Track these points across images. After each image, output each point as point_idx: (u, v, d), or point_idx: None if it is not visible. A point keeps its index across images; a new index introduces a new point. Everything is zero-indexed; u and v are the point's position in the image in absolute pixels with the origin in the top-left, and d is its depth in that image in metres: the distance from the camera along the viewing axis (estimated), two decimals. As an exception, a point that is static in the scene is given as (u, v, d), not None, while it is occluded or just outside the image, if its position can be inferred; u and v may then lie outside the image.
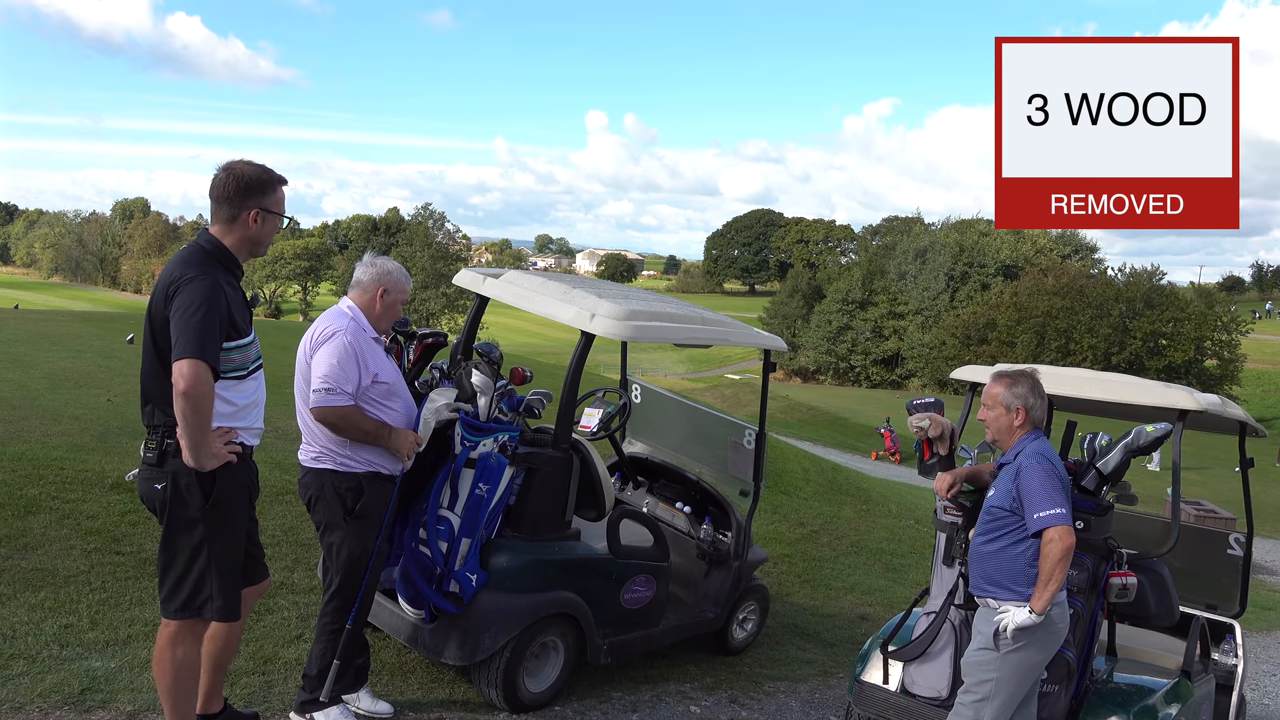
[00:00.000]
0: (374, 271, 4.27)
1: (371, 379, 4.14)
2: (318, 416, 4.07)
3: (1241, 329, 52.28)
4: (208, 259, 3.48)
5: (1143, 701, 4.45)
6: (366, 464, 4.18)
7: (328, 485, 4.17)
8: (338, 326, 4.13)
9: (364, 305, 4.26)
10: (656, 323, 5.09)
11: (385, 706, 4.52)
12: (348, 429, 4.09)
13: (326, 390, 4.01)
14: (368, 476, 4.19)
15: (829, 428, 33.67)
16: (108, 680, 4.32)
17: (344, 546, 4.17)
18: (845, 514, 11.12)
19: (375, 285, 4.25)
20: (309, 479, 4.24)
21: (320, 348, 4.09)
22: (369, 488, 4.18)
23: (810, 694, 6.04)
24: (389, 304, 4.29)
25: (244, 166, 3.56)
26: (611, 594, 5.17)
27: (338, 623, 4.22)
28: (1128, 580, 4.38)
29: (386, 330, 4.40)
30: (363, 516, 4.18)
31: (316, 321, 4.28)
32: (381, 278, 4.27)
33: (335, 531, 4.20)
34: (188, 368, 3.22)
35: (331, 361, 4.03)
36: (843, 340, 73.29)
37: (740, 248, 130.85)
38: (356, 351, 4.08)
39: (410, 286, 4.42)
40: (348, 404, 4.04)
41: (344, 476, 4.16)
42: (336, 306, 4.30)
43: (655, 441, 6.88)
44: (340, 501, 4.16)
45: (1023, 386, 4.16)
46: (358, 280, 4.28)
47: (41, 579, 5.14)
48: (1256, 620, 11.41)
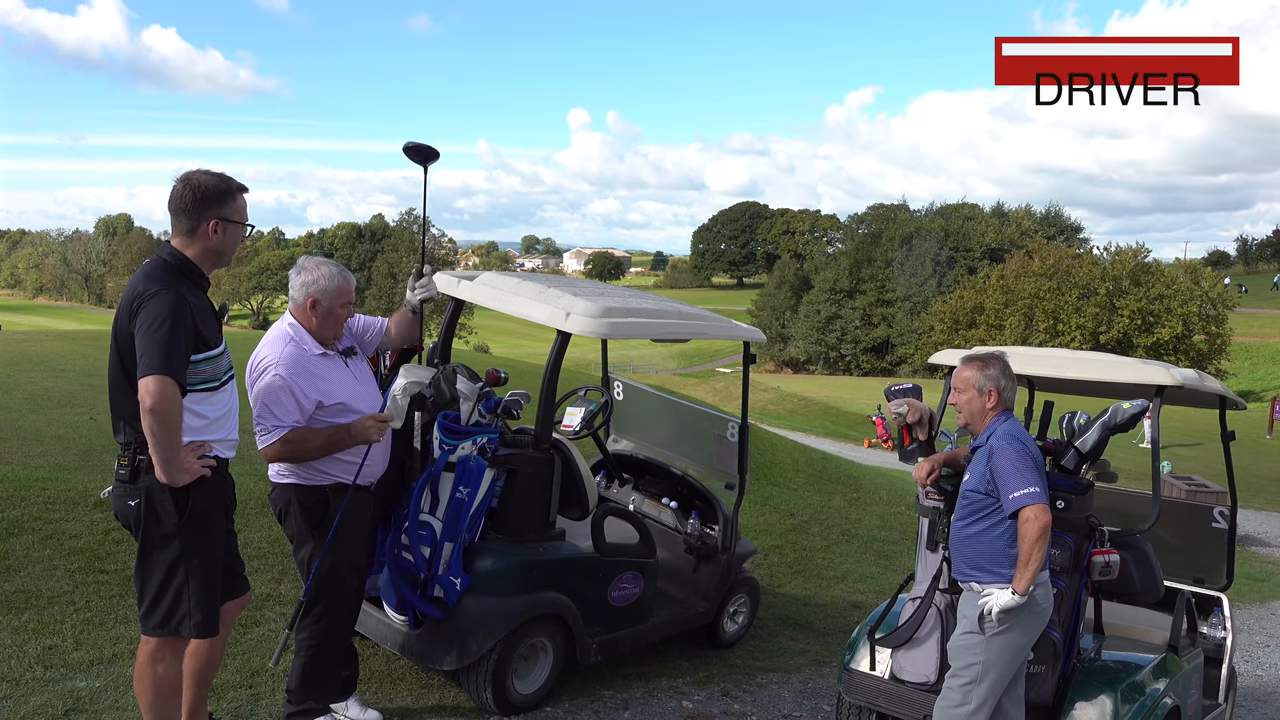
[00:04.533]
0: (300, 283, 4.05)
1: (315, 405, 4.00)
2: (268, 458, 4.04)
3: (1227, 303, 52.45)
4: (171, 273, 3.45)
5: (1130, 678, 4.46)
6: (330, 476, 4.11)
7: (294, 499, 4.11)
8: (271, 360, 3.96)
9: (301, 320, 4.08)
10: (633, 319, 5.07)
11: (374, 715, 4.49)
12: (299, 453, 4.00)
13: (260, 430, 3.96)
14: (334, 488, 4.11)
15: (821, 417, 33.66)
16: (92, 700, 4.30)
17: (313, 560, 4.11)
18: (836, 503, 11.12)
19: (305, 298, 4.05)
20: (276, 494, 4.19)
21: (253, 385, 4.00)
22: (335, 499, 4.11)
23: (803, 684, 6.04)
24: (324, 313, 4.06)
25: (201, 176, 3.51)
26: (599, 592, 5.16)
27: (315, 637, 4.16)
28: (1110, 558, 4.39)
29: (335, 337, 4.15)
30: (330, 530, 4.07)
31: (259, 345, 4.11)
32: (309, 288, 4.04)
33: (305, 546, 4.15)
34: (153, 384, 3.19)
35: (263, 400, 3.95)
36: (832, 330, 73.34)
37: (727, 241, 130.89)
38: (290, 385, 3.93)
39: (352, 285, 4.15)
40: (284, 432, 3.94)
41: (309, 490, 4.10)
42: (279, 327, 4.13)
43: (639, 438, 6.87)
44: (306, 515, 4.10)
45: (994, 369, 4.17)
46: (291, 294, 4.10)
47: (24, 601, 5.10)
48: (1249, 592, 11.45)
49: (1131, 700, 4.34)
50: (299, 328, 4.09)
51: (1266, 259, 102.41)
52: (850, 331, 73.08)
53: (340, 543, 4.11)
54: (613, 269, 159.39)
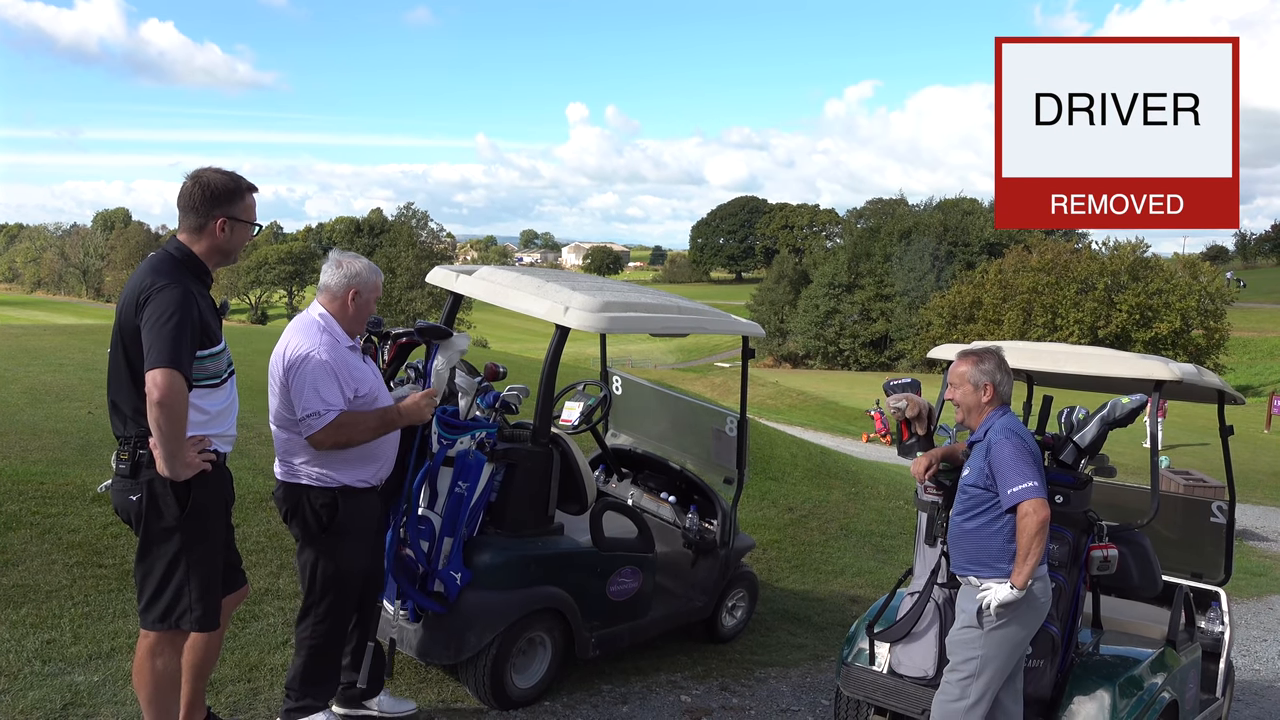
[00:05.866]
0: (341, 275, 4.07)
1: (353, 393, 3.99)
2: (317, 445, 3.92)
3: (1226, 298, 52.45)
4: (177, 267, 3.44)
5: (1128, 672, 4.47)
6: (341, 479, 4.03)
7: (302, 501, 4.03)
8: (310, 347, 3.93)
9: (336, 311, 4.07)
10: (631, 313, 5.07)
11: (409, 705, 4.54)
12: (353, 436, 3.94)
13: (311, 416, 3.86)
14: (343, 491, 4.03)
15: (819, 412, 33.69)
16: (90, 695, 4.30)
17: (319, 563, 4.07)
18: (834, 497, 11.13)
19: (345, 289, 4.05)
20: (282, 493, 4.11)
21: (294, 373, 3.92)
22: (344, 502, 4.03)
23: (801, 678, 6.05)
24: (361, 305, 4.10)
25: (211, 175, 3.50)
26: (597, 587, 5.16)
27: (317, 636, 4.12)
28: (1109, 552, 4.40)
29: (361, 332, 4.25)
30: (339, 533, 4.04)
31: (287, 333, 4.09)
32: (351, 280, 4.06)
33: (310, 548, 4.10)
34: (162, 377, 3.18)
35: (310, 390, 3.87)
36: (831, 324, 73.28)
37: (726, 236, 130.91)
38: (334, 370, 3.92)
39: (381, 281, 4.23)
40: (335, 415, 3.88)
41: (319, 492, 4.01)
42: (308, 315, 4.11)
43: (638, 432, 6.87)
44: (316, 518, 4.02)
45: (989, 363, 4.17)
46: (325, 285, 4.08)
47: (22, 595, 5.10)
48: (1247, 586, 11.47)
49: (1129, 694, 4.35)
50: (330, 318, 4.06)
51: (1265, 254, 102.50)
52: (849, 326, 73.04)
53: (349, 546, 4.07)
54: (611, 264, 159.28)
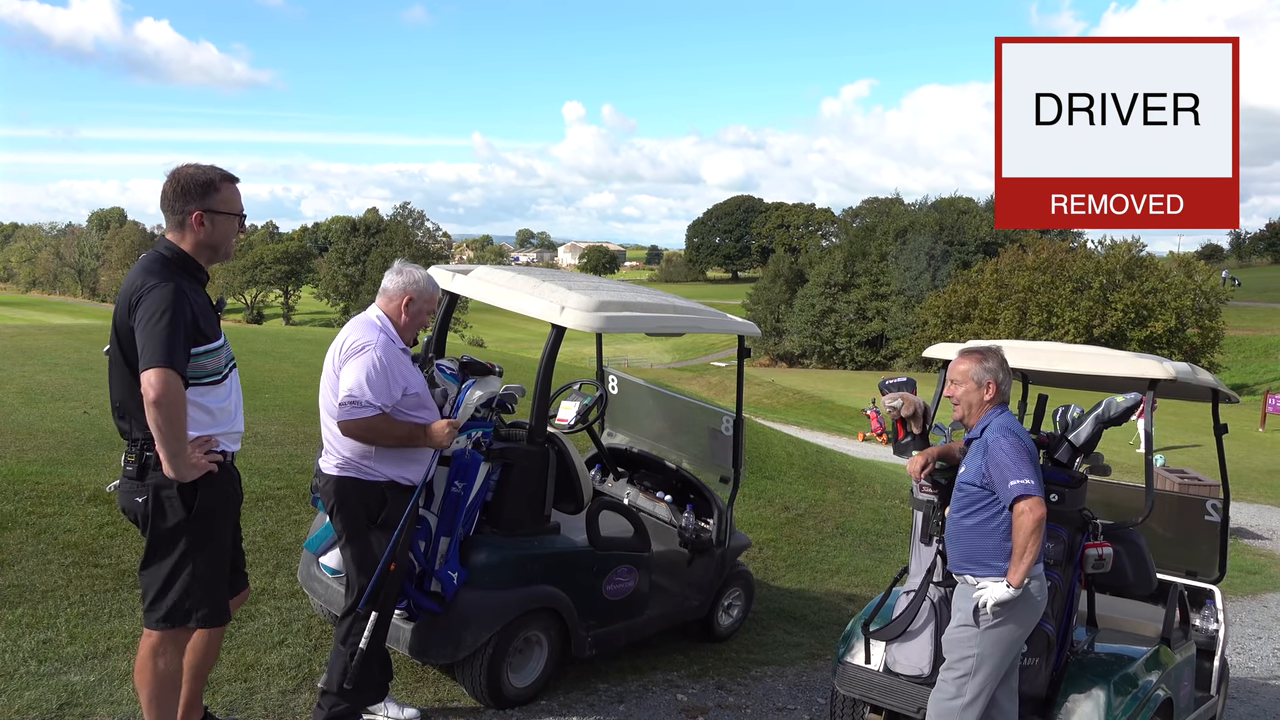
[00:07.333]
0: (400, 280, 4.25)
1: (402, 392, 4.12)
2: (344, 431, 4.05)
3: (1221, 297, 52.54)
4: (168, 266, 3.44)
5: (1123, 670, 4.48)
6: (389, 474, 4.17)
7: (350, 494, 4.15)
8: (368, 340, 4.09)
9: (391, 314, 4.24)
10: (627, 313, 5.07)
11: (413, 712, 4.56)
12: (378, 438, 4.07)
13: (352, 404, 3.98)
14: (390, 486, 4.18)
15: (815, 411, 33.72)
16: (87, 694, 4.30)
17: (367, 555, 4.15)
18: (830, 496, 11.14)
19: (401, 294, 4.23)
20: (329, 486, 4.20)
21: (349, 360, 4.06)
22: (391, 497, 4.17)
23: (797, 677, 6.06)
24: (414, 313, 4.26)
25: (186, 170, 3.50)
26: (593, 586, 5.17)
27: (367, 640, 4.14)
28: (1104, 551, 4.41)
29: (413, 340, 4.36)
30: (386, 526, 4.17)
31: (345, 329, 4.26)
32: (408, 286, 4.23)
33: (358, 540, 4.18)
34: (156, 377, 3.18)
35: (360, 376, 4.00)
36: (826, 323, 73.33)
37: (722, 235, 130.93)
38: (386, 366, 4.04)
39: (439, 294, 4.39)
40: (373, 414, 4.00)
41: (368, 486, 4.15)
42: (366, 316, 4.28)
43: (634, 432, 6.87)
44: (365, 510, 4.15)
45: (992, 361, 4.19)
46: (384, 288, 4.26)
47: (18, 595, 5.09)
48: (1241, 584, 11.50)
49: (1124, 692, 4.36)
50: (386, 320, 4.22)
51: (1260, 252, 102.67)
52: (845, 325, 73.10)
53: (392, 541, 4.16)
54: (607, 263, 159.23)
